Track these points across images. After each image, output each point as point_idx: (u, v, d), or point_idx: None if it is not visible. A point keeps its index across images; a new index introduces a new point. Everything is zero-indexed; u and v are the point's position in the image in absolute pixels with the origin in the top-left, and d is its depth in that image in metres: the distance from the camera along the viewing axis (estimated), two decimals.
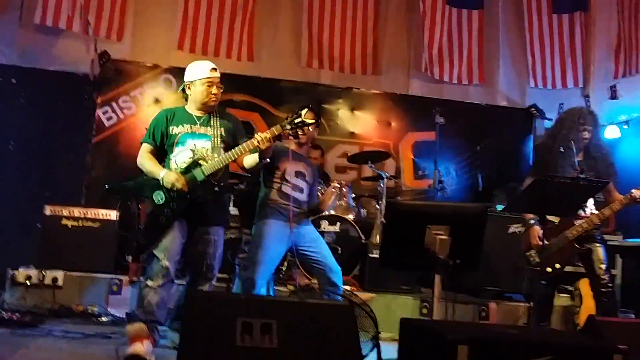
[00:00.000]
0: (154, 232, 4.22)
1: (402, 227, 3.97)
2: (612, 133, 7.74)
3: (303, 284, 5.75)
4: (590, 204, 5.02)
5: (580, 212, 4.96)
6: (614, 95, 7.92)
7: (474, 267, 4.06)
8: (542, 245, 4.81)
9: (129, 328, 4.09)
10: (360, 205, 7.37)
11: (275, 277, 5.89)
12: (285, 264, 6.25)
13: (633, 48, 7.61)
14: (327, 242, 5.27)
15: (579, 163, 4.94)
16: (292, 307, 3.05)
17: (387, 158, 7.86)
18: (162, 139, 4.39)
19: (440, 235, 3.79)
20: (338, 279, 4.82)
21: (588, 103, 8.21)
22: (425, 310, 5.95)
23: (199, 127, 4.38)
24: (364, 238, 6.71)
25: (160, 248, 4.17)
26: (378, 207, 7.14)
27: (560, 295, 5.88)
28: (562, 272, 4.96)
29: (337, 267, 4.85)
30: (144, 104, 7.94)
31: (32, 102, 7.57)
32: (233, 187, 4.66)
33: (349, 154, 7.86)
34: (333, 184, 5.70)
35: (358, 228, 6.67)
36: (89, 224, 6.03)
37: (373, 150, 7.86)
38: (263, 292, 4.83)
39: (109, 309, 5.62)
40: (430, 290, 4.15)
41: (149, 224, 4.28)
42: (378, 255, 6.30)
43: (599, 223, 4.92)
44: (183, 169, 4.25)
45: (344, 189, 7.01)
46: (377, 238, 6.82)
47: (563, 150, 4.96)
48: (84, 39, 7.64)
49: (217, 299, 3.11)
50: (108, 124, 7.80)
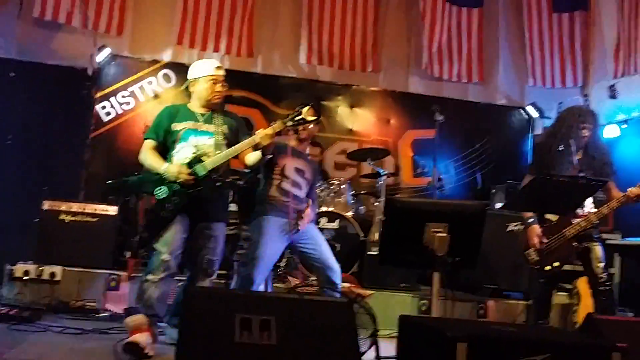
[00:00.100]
0: (156, 226, 4.24)
1: (401, 224, 3.96)
2: (611, 132, 7.72)
3: (293, 285, 5.74)
4: (589, 203, 5.01)
5: (578, 210, 4.97)
6: (613, 95, 7.92)
7: (473, 264, 4.05)
8: (540, 244, 4.82)
9: (129, 320, 4.09)
10: (359, 203, 7.37)
11: (274, 274, 5.89)
12: (284, 261, 6.25)
13: (632, 47, 7.59)
14: (325, 239, 5.26)
15: (578, 162, 4.93)
16: (291, 303, 3.05)
17: (386, 155, 7.85)
18: (165, 136, 4.42)
19: (439, 233, 3.78)
20: (337, 277, 4.81)
21: (587, 102, 8.21)
22: (424, 308, 5.95)
23: (202, 124, 4.42)
24: (363, 235, 6.71)
25: (162, 242, 4.19)
26: (377, 204, 7.13)
27: (559, 294, 5.88)
28: (560, 270, 4.96)
29: (336, 265, 4.84)
30: (143, 99, 7.94)
31: (30, 96, 7.55)
32: (235, 183, 4.65)
33: (348, 151, 7.83)
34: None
35: (357, 225, 6.67)
36: (87, 219, 6.01)
37: (372, 148, 7.84)
38: (261, 288, 4.82)
39: (107, 305, 5.62)
40: (429, 288, 4.15)
41: (151, 218, 4.29)
42: (377, 253, 6.31)
43: (597, 221, 4.92)
44: (185, 165, 4.27)
45: (342, 187, 7.01)
46: (376, 235, 6.82)
47: (562, 149, 4.96)
48: (83, 34, 7.63)
49: (215, 295, 3.10)
50: (107, 119, 7.80)
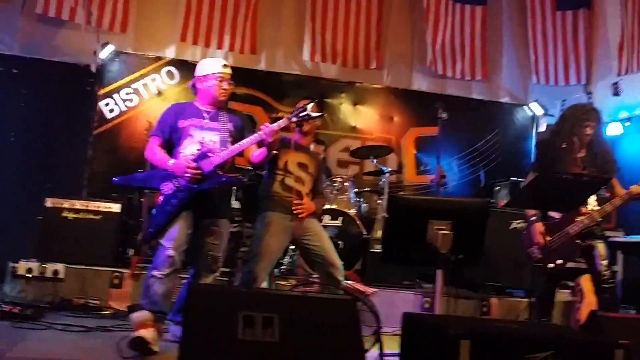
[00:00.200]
0: (161, 222, 4.24)
1: (404, 222, 3.96)
2: (614, 130, 7.72)
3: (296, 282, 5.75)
4: (592, 200, 5.01)
5: (582, 208, 4.96)
6: (617, 92, 7.91)
7: (476, 262, 4.05)
8: (544, 242, 4.81)
9: (134, 316, 4.10)
10: (362, 200, 7.37)
11: (277, 271, 5.89)
12: (287, 258, 6.25)
13: (636, 45, 7.58)
14: (329, 236, 5.25)
15: (581, 159, 4.93)
16: (294, 300, 3.05)
17: (389, 153, 7.85)
18: (170, 133, 4.43)
19: (442, 230, 3.78)
20: (339, 274, 4.80)
21: (590, 100, 8.19)
22: (427, 305, 5.95)
23: (208, 121, 4.43)
24: (366, 233, 6.71)
25: (167, 237, 4.20)
26: (380, 201, 7.14)
27: (562, 291, 5.88)
28: (563, 268, 4.95)
29: (338, 262, 4.83)
30: (147, 96, 7.94)
31: (33, 93, 7.57)
32: (240, 179, 4.65)
33: (351, 149, 7.84)
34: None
35: (360, 223, 6.67)
36: (90, 217, 6.00)
37: (375, 145, 7.84)
38: (265, 285, 4.82)
39: (110, 303, 5.62)
40: (432, 285, 4.15)
41: (156, 214, 4.29)
42: (380, 250, 6.30)
43: (601, 219, 4.91)
44: (191, 161, 4.27)
45: (346, 184, 7.01)
46: (378, 233, 6.83)
47: (565, 146, 4.96)
48: (87, 30, 7.61)
49: (219, 293, 3.10)
50: (110, 116, 7.81)
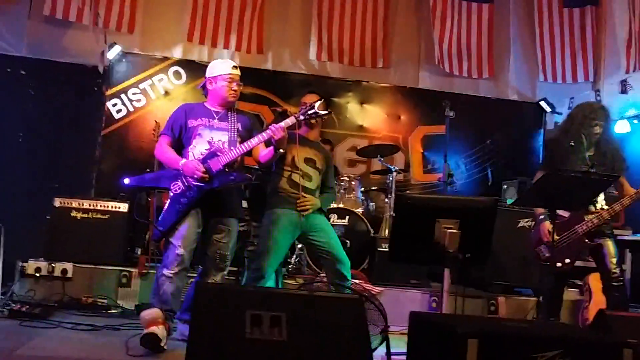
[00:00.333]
0: (171, 221, 4.29)
1: (411, 220, 3.96)
2: (622, 127, 7.68)
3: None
4: (601, 199, 5.00)
5: (591, 207, 4.95)
6: (625, 90, 7.86)
7: (483, 261, 4.05)
8: (552, 240, 4.80)
9: (145, 314, 4.13)
10: (369, 199, 7.36)
11: (285, 270, 5.89)
12: (295, 257, 6.25)
13: None
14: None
15: (590, 158, 4.91)
16: (301, 299, 3.04)
17: (396, 152, 7.84)
18: (180, 132, 4.50)
19: (450, 229, 3.78)
20: (346, 271, 4.79)
21: (598, 97, 8.16)
22: (435, 304, 5.94)
23: (217, 121, 4.50)
24: (373, 232, 6.71)
25: (177, 236, 4.27)
26: (387, 200, 7.13)
27: (570, 290, 5.86)
28: (571, 267, 4.94)
29: (345, 258, 4.81)
30: (154, 97, 7.95)
31: (41, 93, 7.59)
32: (249, 178, 4.68)
33: (358, 148, 7.83)
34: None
35: (367, 221, 6.67)
36: (99, 216, 6.03)
37: (382, 144, 7.83)
38: (272, 282, 4.82)
39: (119, 302, 5.65)
40: (440, 284, 4.15)
41: (166, 213, 4.33)
42: (387, 249, 6.30)
43: (610, 218, 4.90)
44: (200, 160, 4.32)
45: (353, 183, 7.01)
46: (386, 232, 6.83)
47: (573, 145, 4.94)
48: (94, 31, 7.63)
49: (226, 292, 3.11)
50: (117, 117, 7.82)
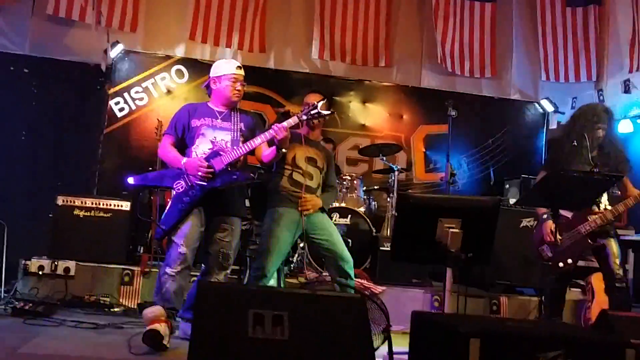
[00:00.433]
0: (174, 219, 4.31)
1: (413, 220, 3.95)
2: (625, 127, 7.66)
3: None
4: (604, 200, 4.98)
5: (595, 207, 4.94)
6: (628, 90, 7.84)
7: (486, 260, 4.04)
8: (554, 240, 4.79)
9: (147, 312, 4.14)
10: (372, 198, 7.36)
11: (287, 269, 5.89)
12: (296, 256, 6.25)
13: None
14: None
15: (594, 159, 4.89)
16: (303, 299, 3.04)
17: (398, 151, 7.84)
18: (183, 132, 4.53)
19: (452, 229, 3.77)
20: (349, 268, 4.79)
21: (601, 97, 8.15)
22: (437, 304, 5.94)
23: (220, 121, 4.52)
24: (375, 231, 6.70)
25: (179, 234, 4.29)
26: (389, 200, 7.13)
27: (572, 290, 5.86)
28: (574, 267, 4.93)
29: (348, 256, 4.81)
30: (156, 95, 7.96)
31: (44, 92, 7.62)
32: (253, 177, 4.69)
33: (361, 147, 7.84)
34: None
35: (369, 221, 6.67)
36: (101, 214, 6.04)
37: (385, 143, 7.81)
38: (274, 281, 4.82)
39: (121, 300, 5.66)
40: (442, 284, 4.14)
41: (169, 212, 4.34)
42: (389, 248, 6.29)
43: (613, 219, 4.89)
44: (203, 159, 4.34)
45: (355, 182, 7.01)
46: (388, 231, 6.83)
47: (576, 144, 4.93)
48: (97, 30, 7.63)
49: (229, 291, 3.11)
50: (120, 115, 7.83)
